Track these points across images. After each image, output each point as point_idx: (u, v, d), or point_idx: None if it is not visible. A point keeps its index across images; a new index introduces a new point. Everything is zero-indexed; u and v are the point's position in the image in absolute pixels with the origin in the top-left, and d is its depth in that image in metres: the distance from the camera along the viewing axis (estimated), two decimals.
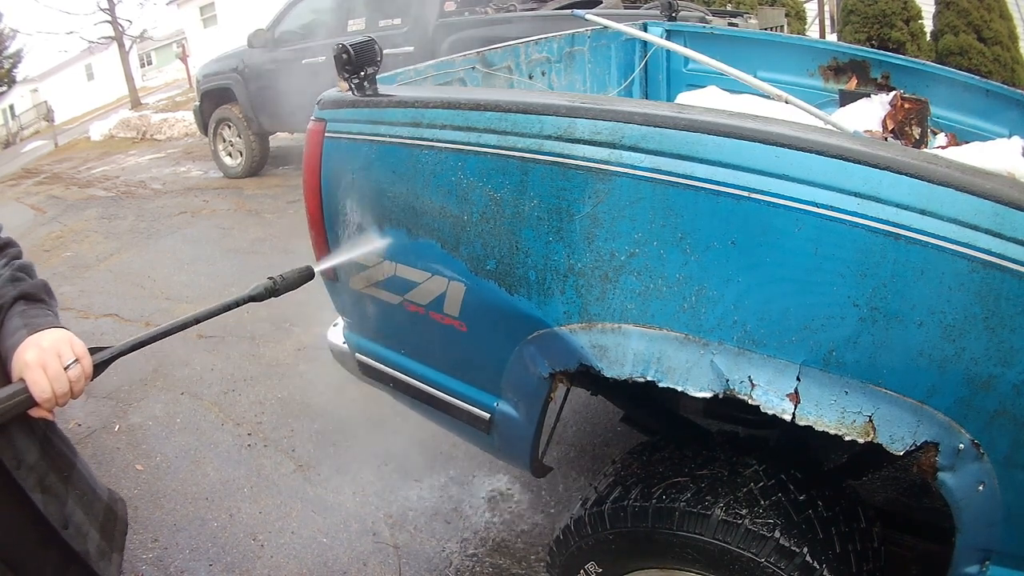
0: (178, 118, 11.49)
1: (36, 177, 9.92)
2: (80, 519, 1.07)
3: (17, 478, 0.98)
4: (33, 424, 1.02)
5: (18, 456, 0.98)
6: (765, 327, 0.97)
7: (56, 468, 1.05)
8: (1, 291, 1.02)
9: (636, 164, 1.02)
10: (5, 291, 1.01)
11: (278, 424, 2.80)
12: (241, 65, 6.57)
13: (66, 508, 1.05)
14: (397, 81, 1.77)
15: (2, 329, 0.99)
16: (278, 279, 1.22)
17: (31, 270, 1.08)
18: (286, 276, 1.24)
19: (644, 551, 1.19)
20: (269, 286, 1.22)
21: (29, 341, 0.94)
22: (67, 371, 0.94)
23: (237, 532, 2.21)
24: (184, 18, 21.27)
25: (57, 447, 1.07)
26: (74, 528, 1.05)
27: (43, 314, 1.01)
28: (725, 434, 1.37)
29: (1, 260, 1.07)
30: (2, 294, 1.01)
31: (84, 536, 1.07)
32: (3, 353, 0.97)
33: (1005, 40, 8.08)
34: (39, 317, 0.99)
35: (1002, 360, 0.84)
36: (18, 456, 0.98)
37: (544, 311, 1.17)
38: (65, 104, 21.65)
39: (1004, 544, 0.93)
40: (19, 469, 0.98)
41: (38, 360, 0.92)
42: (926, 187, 0.85)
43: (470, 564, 1.99)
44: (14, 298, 1.01)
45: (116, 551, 1.13)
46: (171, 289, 4.40)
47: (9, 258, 1.08)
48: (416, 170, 1.29)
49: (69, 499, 1.06)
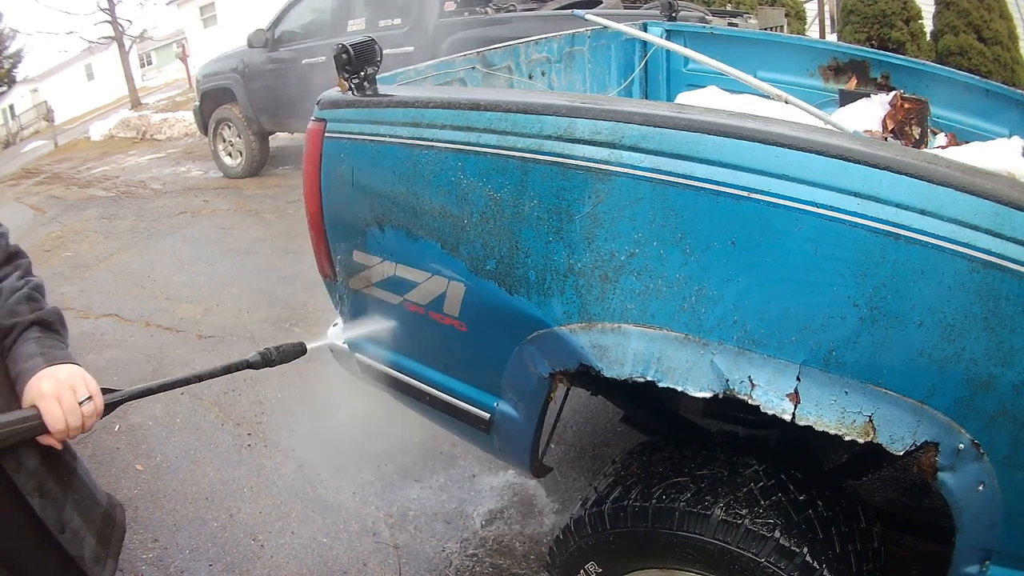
0: (178, 118, 11.49)
1: (36, 177, 9.92)
2: (77, 524, 1.08)
3: (16, 482, 0.99)
4: None
5: (18, 461, 0.99)
6: (765, 327, 0.97)
7: (56, 474, 1.06)
8: (18, 307, 1.04)
9: (636, 164, 1.02)
10: (22, 309, 1.04)
11: (278, 424, 2.80)
12: (241, 65, 6.57)
13: (63, 513, 1.06)
14: (397, 81, 1.77)
15: (15, 350, 1.01)
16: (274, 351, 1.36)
17: (44, 291, 1.11)
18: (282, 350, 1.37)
19: (644, 551, 1.19)
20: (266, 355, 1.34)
21: (46, 372, 0.97)
22: (80, 406, 0.97)
23: (237, 532, 2.21)
24: (184, 18, 21.28)
25: (58, 453, 1.07)
26: (70, 533, 1.06)
27: (58, 346, 1.04)
28: (725, 434, 1.36)
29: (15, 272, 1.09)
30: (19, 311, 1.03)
31: (80, 541, 1.08)
32: (13, 374, 1.00)
33: (1005, 40, 8.08)
34: (55, 348, 1.02)
35: (1002, 360, 0.84)
36: (18, 461, 0.99)
37: (544, 311, 1.17)
38: (65, 104, 21.65)
39: (1004, 544, 0.93)
40: (19, 473, 0.99)
41: (54, 392, 0.95)
42: (926, 187, 0.85)
43: (470, 564, 1.99)
44: (31, 322, 1.03)
45: (111, 557, 1.15)
46: (171, 289, 4.40)
47: (23, 271, 1.10)
48: (416, 170, 1.29)
49: (67, 504, 1.07)
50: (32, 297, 1.06)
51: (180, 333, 3.71)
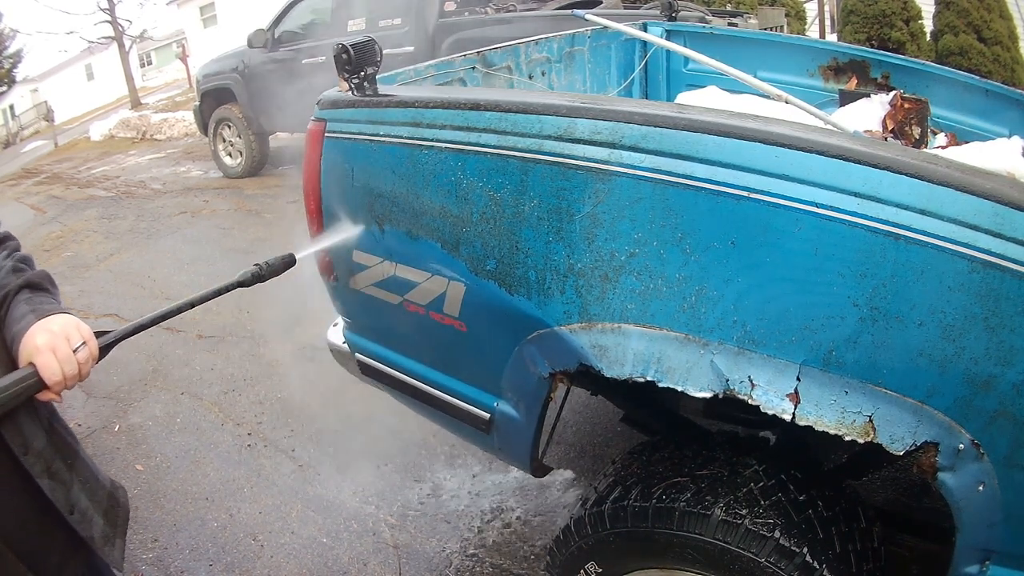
0: (178, 118, 11.48)
1: (36, 177, 9.92)
2: (85, 505, 1.08)
3: (25, 464, 0.99)
4: (38, 411, 1.03)
5: (26, 443, 0.99)
6: (765, 327, 0.97)
7: (61, 455, 1.06)
8: (4, 280, 1.03)
9: (636, 164, 1.02)
10: (8, 280, 1.03)
11: (278, 424, 2.80)
12: (241, 65, 6.57)
13: (71, 494, 1.05)
14: (397, 81, 1.77)
15: (8, 315, 1.01)
16: (263, 265, 1.28)
17: (32, 262, 1.10)
18: (271, 263, 1.30)
19: (644, 551, 1.19)
20: (256, 272, 1.27)
21: (39, 326, 0.96)
22: (76, 353, 0.96)
23: (237, 532, 2.21)
24: (184, 18, 21.27)
25: (61, 434, 1.08)
26: (79, 514, 1.06)
27: (49, 301, 1.03)
28: (725, 434, 1.36)
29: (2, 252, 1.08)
30: (6, 282, 1.03)
31: (89, 521, 1.07)
32: (9, 338, 0.99)
33: (1005, 40, 8.08)
34: (45, 304, 1.02)
35: (1002, 360, 0.84)
36: (26, 443, 0.99)
37: (544, 311, 1.17)
38: (65, 104, 21.63)
39: (1004, 544, 0.93)
40: (27, 455, 0.99)
41: (48, 344, 0.94)
42: (926, 187, 0.85)
43: (470, 564, 1.99)
44: (19, 286, 1.03)
45: (119, 536, 1.14)
46: (171, 289, 4.40)
47: (9, 250, 1.09)
48: (416, 170, 1.29)
49: (74, 485, 1.07)
50: (18, 268, 1.05)
51: (180, 333, 3.71)
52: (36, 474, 1.00)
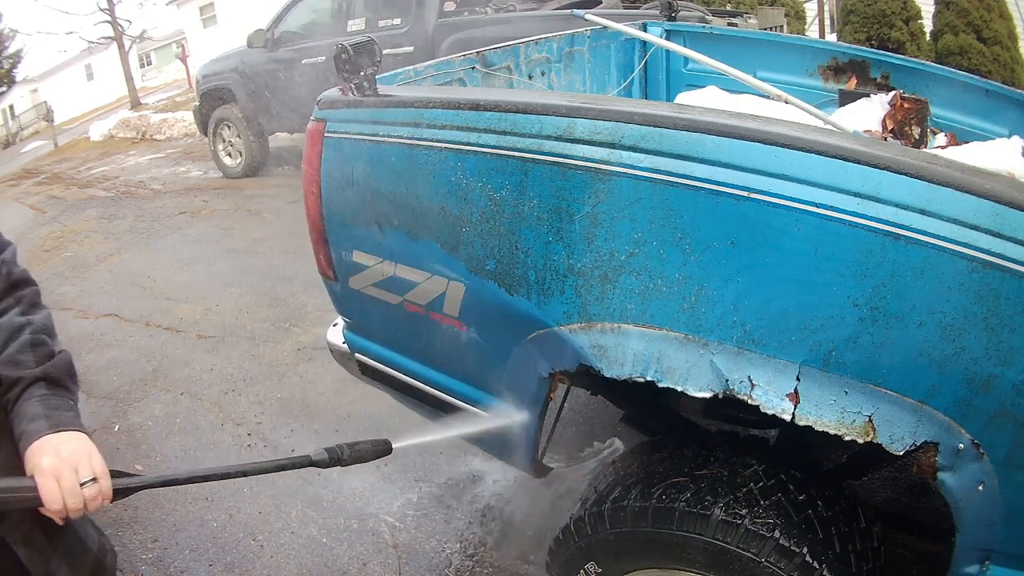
0: (178, 118, 11.49)
1: (36, 177, 9.92)
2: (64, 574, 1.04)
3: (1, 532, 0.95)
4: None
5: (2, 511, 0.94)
6: (765, 327, 0.97)
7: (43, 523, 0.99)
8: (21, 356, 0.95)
9: (636, 164, 1.02)
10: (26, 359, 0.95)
11: (278, 424, 2.80)
12: (241, 65, 6.57)
13: (51, 564, 1.02)
14: (397, 81, 1.77)
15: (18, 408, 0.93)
16: (346, 449, 1.09)
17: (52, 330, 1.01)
18: (358, 447, 1.10)
19: (644, 551, 1.19)
20: (336, 455, 1.10)
21: (47, 443, 0.89)
22: (83, 488, 0.89)
23: (237, 532, 2.21)
24: (184, 18, 21.26)
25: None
26: None
27: (65, 405, 0.96)
28: (725, 434, 1.36)
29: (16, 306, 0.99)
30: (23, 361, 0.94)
31: None
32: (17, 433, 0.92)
33: (1005, 40, 8.08)
34: (61, 410, 0.94)
35: (1002, 360, 0.84)
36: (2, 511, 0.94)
37: (544, 311, 1.17)
38: (65, 104, 21.63)
39: (1004, 544, 0.93)
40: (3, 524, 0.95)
41: (52, 469, 0.87)
42: (926, 187, 0.85)
43: (470, 564, 1.99)
44: (36, 377, 0.95)
45: None
46: (171, 289, 4.40)
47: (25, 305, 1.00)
48: (416, 170, 1.29)
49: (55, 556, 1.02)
50: (37, 342, 0.96)
51: (180, 333, 3.71)
52: (13, 542, 0.96)
